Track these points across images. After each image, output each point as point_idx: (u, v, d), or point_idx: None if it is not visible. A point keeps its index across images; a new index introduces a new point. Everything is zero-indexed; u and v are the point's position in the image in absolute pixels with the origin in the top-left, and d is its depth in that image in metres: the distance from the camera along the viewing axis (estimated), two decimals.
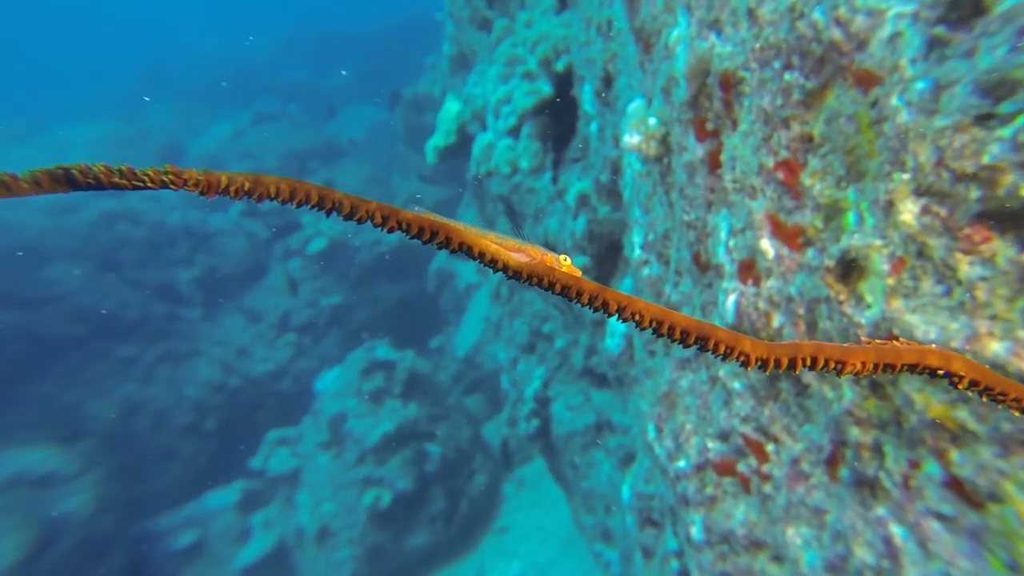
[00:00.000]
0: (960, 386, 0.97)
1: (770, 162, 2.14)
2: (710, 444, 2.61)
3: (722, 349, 1.13)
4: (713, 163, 2.49)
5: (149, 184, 0.74)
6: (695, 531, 2.66)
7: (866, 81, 1.57)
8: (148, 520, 10.64)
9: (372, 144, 20.97)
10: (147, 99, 22.42)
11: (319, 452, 10.40)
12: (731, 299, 2.38)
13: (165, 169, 0.74)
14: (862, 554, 2.03)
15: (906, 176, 1.46)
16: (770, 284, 2.22)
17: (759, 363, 1.16)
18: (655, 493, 3.26)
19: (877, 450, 1.90)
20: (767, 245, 2.22)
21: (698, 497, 2.65)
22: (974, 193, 1.32)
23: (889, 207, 1.60)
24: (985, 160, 1.28)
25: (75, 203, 13.56)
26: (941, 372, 0.95)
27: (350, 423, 10.41)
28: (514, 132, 5.98)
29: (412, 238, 0.97)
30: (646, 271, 3.08)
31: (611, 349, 4.28)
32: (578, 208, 5.08)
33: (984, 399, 0.97)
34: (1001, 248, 1.32)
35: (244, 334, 13.17)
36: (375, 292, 14.05)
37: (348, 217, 0.92)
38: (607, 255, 4.96)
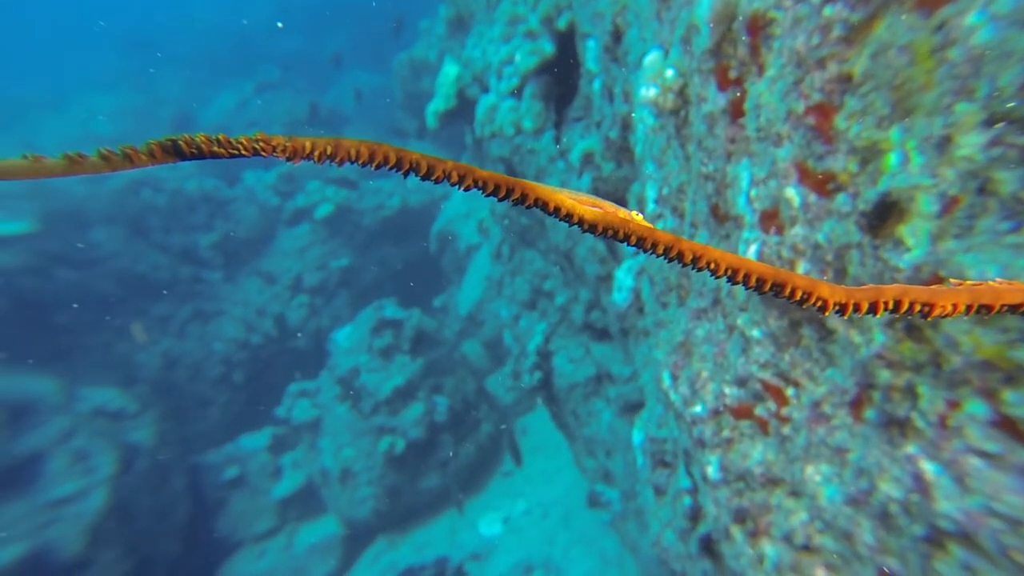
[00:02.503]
0: None
1: (800, 107, 1.96)
2: (727, 390, 2.50)
3: (799, 295, 0.98)
4: (735, 112, 2.30)
5: (243, 152, 0.73)
6: (711, 471, 2.57)
7: (932, 1, 1.38)
8: (197, 456, 11.30)
9: (370, 110, 20.41)
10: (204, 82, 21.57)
11: (336, 403, 10.38)
12: (752, 249, 2.23)
13: (256, 137, 0.72)
14: (888, 489, 1.92)
15: (974, 106, 1.30)
16: (795, 232, 2.07)
17: (837, 308, 1.01)
18: (667, 437, 3.18)
19: (910, 391, 1.78)
20: (793, 193, 2.05)
21: (715, 440, 2.54)
22: None
23: (945, 143, 1.44)
24: None
25: None
26: None
27: (363, 377, 10.35)
28: (517, 93, 5.71)
29: (488, 195, 0.87)
30: (660, 225, 2.91)
31: (619, 303, 4.15)
32: (582, 166, 4.87)
33: None
34: None
35: (262, 295, 13.04)
36: (380, 255, 13.85)
37: (425, 177, 0.86)
38: None
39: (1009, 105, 1.21)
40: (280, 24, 23.77)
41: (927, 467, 1.70)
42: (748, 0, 2.04)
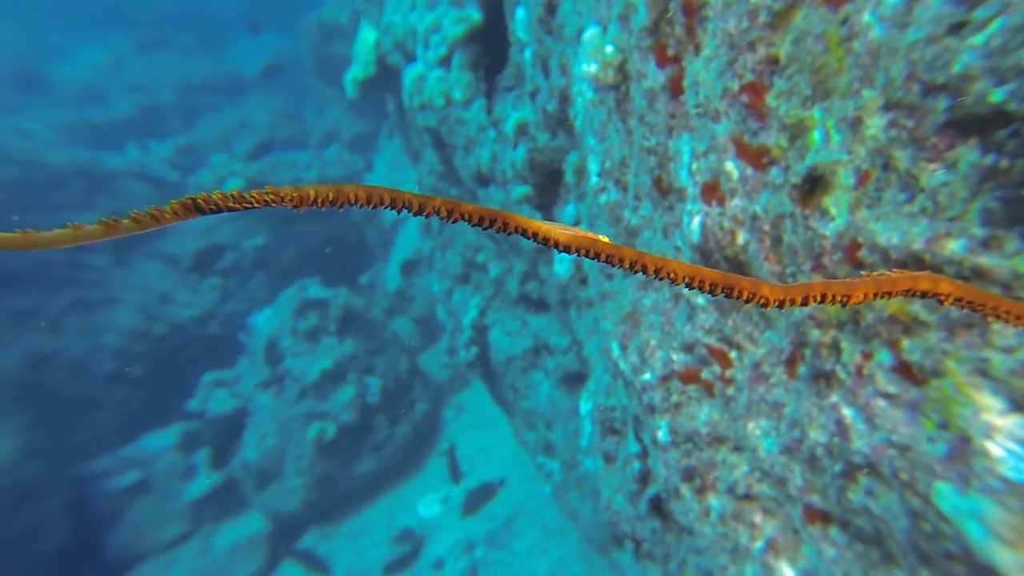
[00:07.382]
0: (946, 303, 1.10)
1: (735, 85, 2.20)
2: (674, 356, 2.78)
3: (745, 295, 1.22)
4: (675, 89, 2.53)
5: (255, 204, 0.81)
6: (661, 435, 2.86)
7: None
8: (84, 464, 10.44)
9: (274, 75, 19.49)
10: None
11: (259, 391, 10.22)
12: (696, 220, 2.49)
13: (266, 190, 0.80)
14: (816, 435, 2.26)
15: (875, 92, 1.56)
16: (735, 203, 2.33)
17: (777, 304, 1.25)
18: (616, 405, 3.46)
19: (835, 347, 2.09)
20: (731, 166, 2.31)
21: (664, 405, 2.83)
22: (942, 103, 1.43)
23: (857, 123, 1.71)
24: (955, 70, 1.38)
25: None
26: (932, 294, 1.06)
27: (288, 362, 10.23)
28: (445, 62, 5.76)
29: (473, 226, 1.06)
30: (604, 197, 3.13)
31: (560, 274, 4.38)
32: (517, 137, 5.03)
33: (965, 310, 1.09)
34: (964, 153, 1.44)
35: (164, 280, 12.45)
36: (299, 231, 13.54)
37: (418, 213, 0.99)
38: (548, 183, 4.99)
39: (899, 94, 1.48)
40: None
41: (847, 412, 2.02)
42: None
